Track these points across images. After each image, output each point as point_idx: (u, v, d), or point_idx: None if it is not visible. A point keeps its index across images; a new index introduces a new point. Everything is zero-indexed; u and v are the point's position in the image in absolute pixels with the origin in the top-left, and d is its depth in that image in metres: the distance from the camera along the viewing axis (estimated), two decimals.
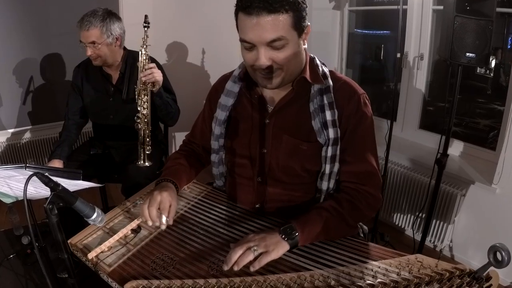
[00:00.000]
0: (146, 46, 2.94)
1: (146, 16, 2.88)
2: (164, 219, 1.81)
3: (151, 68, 2.93)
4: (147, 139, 3.06)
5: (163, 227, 1.82)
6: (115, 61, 3.24)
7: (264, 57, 1.67)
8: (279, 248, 1.59)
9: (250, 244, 1.56)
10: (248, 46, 1.70)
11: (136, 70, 3.11)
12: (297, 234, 1.64)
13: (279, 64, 1.71)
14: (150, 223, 1.81)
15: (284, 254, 1.61)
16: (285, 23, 1.63)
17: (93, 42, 3.01)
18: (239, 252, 1.54)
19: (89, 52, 3.03)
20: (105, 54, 3.10)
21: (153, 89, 3.00)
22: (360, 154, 1.89)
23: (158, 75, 2.96)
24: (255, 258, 1.55)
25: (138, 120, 3.01)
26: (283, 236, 1.62)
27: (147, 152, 3.07)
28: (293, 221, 1.69)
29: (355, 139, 1.88)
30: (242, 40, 1.71)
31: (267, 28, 1.61)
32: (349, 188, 1.89)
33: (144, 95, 2.99)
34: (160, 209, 1.83)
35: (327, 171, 1.89)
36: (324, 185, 1.93)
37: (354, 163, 1.89)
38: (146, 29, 2.90)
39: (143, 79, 2.93)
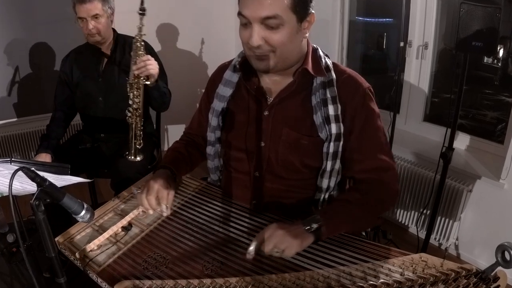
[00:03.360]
0: (141, 35, 2.92)
1: (142, 2, 2.81)
2: (164, 207, 1.86)
3: (144, 60, 2.91)
4: (139, 133, 3.06)
5: (165, 214, 1.87)
6: (109, 37, 3.31)
7: (257, 35, 1.68)
8: (302, 240, 1.60)
9: (272, 244, 1.57)
10: (244, 21, 1.71)
11: (127, 52, 3.21)
12: (321, 226, 1.66)
13: (272, 45, 1.71)
14: (151, 212, 1.86)
15: None
16: (283, 3, 1.64)
17: (96, 15, 3.07)
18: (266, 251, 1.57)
19: (91, 25, 3.08)
20: (104, 28, 3.16)
21: (148, 83, 2.99)
22: (373, 151, 1.91)
23: (152, 68, 2.94)
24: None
25: (129, 114, 3.01)
26: (307, 228, 1.64)
27: (138, 147, 3.08)
28: (317, 212, 1.71)
29: (366, 137, 1.89)
30: (238, 14, 1.72)
31: (265, 4, 1.62)
32: (370, 180, 1.91)
33: (137, 89, 2.98)
34: (158, 198, 1.86)
35: (328, 168, 1.89)
36: (325, 183, 1.93)
37: (369, 160, 1.91)
38: (142, 16, 2.84)
39: (136, 72, 2.92)
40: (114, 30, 3.38)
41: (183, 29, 4.98)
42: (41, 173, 1.35)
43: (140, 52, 2.91)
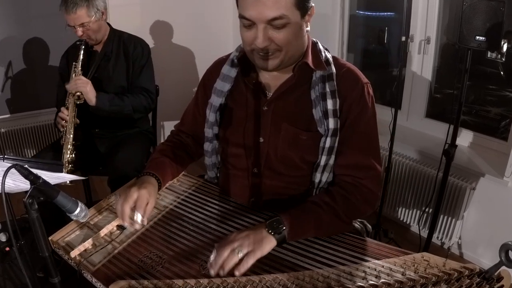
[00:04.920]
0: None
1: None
2: (139, 218, 1.78)
3: (75, 79, 3.06)
4: (70, 157, 3.08)
5: (137, 226, 1.79)
6: (104, 35, 3.34)
7: (263, 36, 1.68)
8: (265, 244, 1.57)
9: (234, 245, 1.53)
10: (247, 23, 1.70)
11: (122, 48, 3.31)
12: (284, 228, 1.63)
13: (278, 45, 1.71)
14: (125, 224, 1.78)
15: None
16: (287, 1, 1.63)
17: (82, 24, 3.07)
18: (223, 254, 1.51)
19: (80, 33, 3.11)
20: (95, 32, 3.20)
21: (78, 102, 3.10)
22: (359, 146, 1.89)
23: (81, 86, 3.05)
24: (241, 260, 1.52)
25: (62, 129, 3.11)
26: (269, 231, 1.61)
27: (68, 158, 3.08)
28: (281, 214, 1.68)
29: (355, 130, 1.88)
30: (241, 17, 1.71)
31: (269, 5, 1.61)
32: (345, 182, 1.89)
33: (66, 108, 3.10)
34: (135, 207, 1.79)
35: (323, 162, 1.89)
36: (317, 177, 1.92)
37: (351, 155, 1.88)
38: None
39: (68, 89, 3.07)
40: (109, 25, 3.40)
41: (178, 25, 4.96)
42: (35, 171, 1.35)
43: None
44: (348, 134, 1.87)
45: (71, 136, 3.05)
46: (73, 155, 3.05)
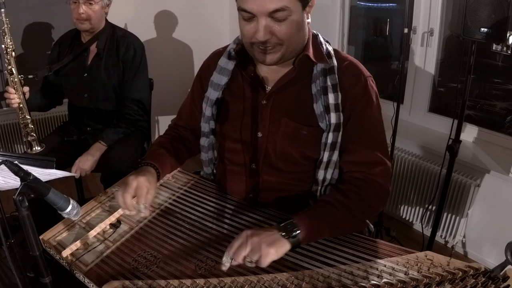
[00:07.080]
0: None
1: None
2: (142, 206, 1.81)
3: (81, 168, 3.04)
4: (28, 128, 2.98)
5: (143, 214, 1.82)
6: (99, 29, 3.28)
7: (265, 29, 1.67)
8: (278, 248, 1.53)
9: (245, 252, 1.49)
10: (247, 16, 1.69)
11: (115, 47, 3.24)
12: (298, 231, 1.60)
13: (280, 38, 1.70)
14: (127, 212, 1.81)
15: None
16: None
17: (90, 0, 3.06)
18: (236, 263, 1.50)
19: (82, 9, 3.05)
20: (96, 17, 3.15)
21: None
22: (366, 143, 1.88)
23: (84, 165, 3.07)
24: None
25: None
26: (283, 234, 1.58)
27: (30, 138, 2.98)
28: (294, 216, 1.65)
29: (361, 126, 1.87)
30: (240, 9, 1.70)
31: None
32: (355, 178, 1.87)
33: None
34: (136, 196, 1.81)
35: (325, 159, 1.88)
36: (321, 175, 1.92)
37: (359, 152, 1.87)
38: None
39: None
40: (106, 20, 3.37)
41: (173, 16, 4.95)
42: (25, 167, 1.35)
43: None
44: (354, 131, 1.87)
45: (26, 111, 2.98)
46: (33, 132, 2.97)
